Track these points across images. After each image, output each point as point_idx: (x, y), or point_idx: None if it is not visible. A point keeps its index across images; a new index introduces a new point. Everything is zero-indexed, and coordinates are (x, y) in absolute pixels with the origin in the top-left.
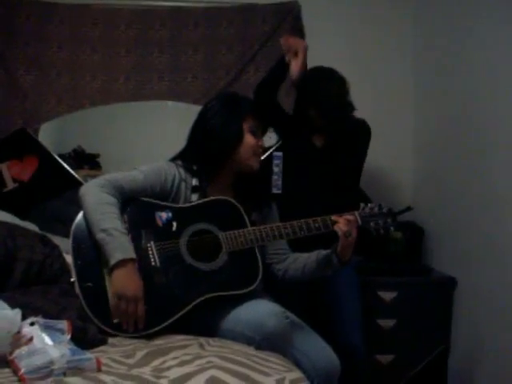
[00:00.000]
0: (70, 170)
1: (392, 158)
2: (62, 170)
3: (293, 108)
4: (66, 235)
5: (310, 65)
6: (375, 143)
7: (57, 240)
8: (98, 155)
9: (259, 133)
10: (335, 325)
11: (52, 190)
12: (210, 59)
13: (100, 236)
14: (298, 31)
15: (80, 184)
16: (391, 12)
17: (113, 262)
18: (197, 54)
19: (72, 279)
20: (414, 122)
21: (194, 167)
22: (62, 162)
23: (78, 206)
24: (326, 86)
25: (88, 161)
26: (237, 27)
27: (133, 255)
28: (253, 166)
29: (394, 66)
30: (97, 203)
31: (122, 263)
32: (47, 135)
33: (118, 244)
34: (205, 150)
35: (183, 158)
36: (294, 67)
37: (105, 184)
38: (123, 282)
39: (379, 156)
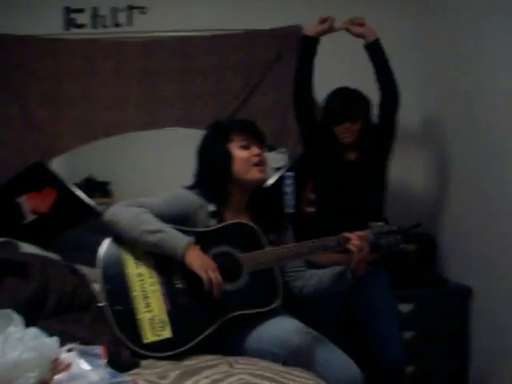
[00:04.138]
0: (88, 200)
1: (403, 170)
2: (79, 200)
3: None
4: (87, 263)
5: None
6: None
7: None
8: (108, 183)
9: (253, 144)
10: (374, 338)
11: (70, 219)
12: (219, 85)
13: (156, 237)
14: None
15: (95, 212)
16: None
17: (181, 250)
18: (206, 81)
19: (100, 304)
20: (423, 134)
21: (205, 192)
22: (80, 192)
23: (99, 233)
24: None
25: (99, 188)
26: (242, 53)
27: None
28: (255, 176)
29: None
30: (133, 217)
31: (189, 247)
32: (59, 166)
33: (175, 236)
34: (205, 176)
35: (196, 185)
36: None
37: (130, 203)
38: (201, 259)
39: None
